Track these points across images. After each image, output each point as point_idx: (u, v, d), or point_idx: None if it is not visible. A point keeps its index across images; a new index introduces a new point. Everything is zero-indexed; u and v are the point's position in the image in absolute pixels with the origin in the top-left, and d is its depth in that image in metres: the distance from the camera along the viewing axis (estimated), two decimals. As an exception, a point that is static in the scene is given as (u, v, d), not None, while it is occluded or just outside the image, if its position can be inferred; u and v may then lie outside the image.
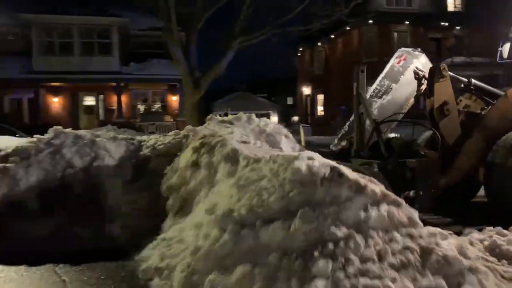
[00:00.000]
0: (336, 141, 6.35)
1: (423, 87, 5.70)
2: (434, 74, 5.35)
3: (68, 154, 4.52)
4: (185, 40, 13.60)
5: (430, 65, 5.92)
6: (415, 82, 5.90)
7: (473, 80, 5.88)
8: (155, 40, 21.02)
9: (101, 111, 22.31)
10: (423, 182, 4.80)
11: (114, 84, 21.28)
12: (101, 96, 22.14)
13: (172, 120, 21.45)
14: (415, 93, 5.89)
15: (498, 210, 4.90)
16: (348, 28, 25.40)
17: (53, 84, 20.69)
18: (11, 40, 20.78)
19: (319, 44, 29.83)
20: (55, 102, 21.24)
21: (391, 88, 6.24)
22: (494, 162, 5.04)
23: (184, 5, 12.89)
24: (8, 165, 4.40)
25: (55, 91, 21.09)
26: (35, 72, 19.53)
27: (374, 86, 6.48)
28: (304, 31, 16.92)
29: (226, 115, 8.24)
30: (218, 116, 7.03)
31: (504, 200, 4.91)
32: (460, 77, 5.99)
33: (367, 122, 5.41)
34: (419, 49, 6.42)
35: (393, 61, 6.63)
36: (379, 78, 6.53)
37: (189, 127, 5.09)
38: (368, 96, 6.13)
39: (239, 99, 33.55)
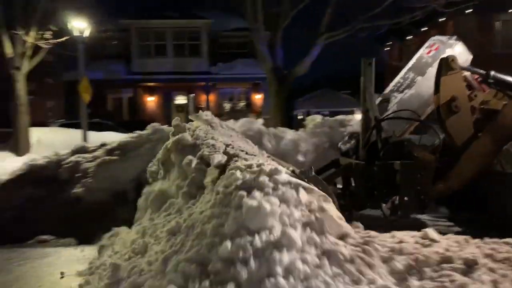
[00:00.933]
0: (346, 138, 5.63)
1: None
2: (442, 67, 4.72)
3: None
4: (271, 39, 13.75)
5: (467, 55, 5.32)
6: None
7: (492, 72, 4.97)
8: (240, 40, 21.68)
9: (191, 109, 23.57)
10: (408, 187, 4.39)
11: (203, 83, 22.38)
12: (192, 95, 23.40)
13: (255, 118, 21.89)
14: None
15: (497, 222, 4.34)
16: (443, 19, 23.59)
17: (149, 84, 22.38)
18: (113, 44, 22.93)
19: (409, 37, 28.18)
20: (151, 101, 22.98)
21: (415, 82, 5.41)
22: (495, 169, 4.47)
23: (271, 5, 13.04)
24: (112, 157, 4.86)
25: (151, 91, 22.81)
26: (134, 73, 21.33)
27: (396, 79, 5.69)
28: (394, 25, 16.10)
29: (308, 114, 8.07)
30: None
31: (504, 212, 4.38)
32: (477, 69, 5.14)
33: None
34: (455, 37, 5.64)
35: (422, 51, 5.82)
36: (404, 71, 5.76)
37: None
38: (387, 90, 5.62)
39: (322, 96, 33.02)
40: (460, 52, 5.29)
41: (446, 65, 4.74)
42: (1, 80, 12.31)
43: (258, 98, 23.48)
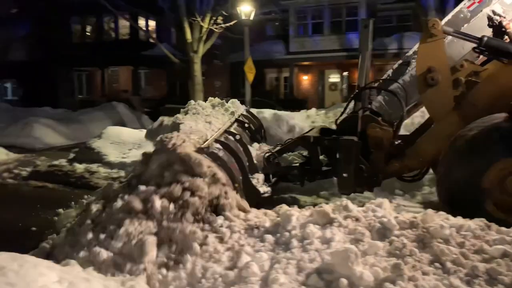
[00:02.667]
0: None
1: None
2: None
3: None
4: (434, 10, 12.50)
5: None
6: (486, 31, 4.36)
7: (485, 38, 4.15)
8: (399, 13, 20.23)
9: (344, 87, 23.30)
10: (346, 164, 4.32)
11: (357, 60, 21.73)
12: (345, 73, 23.05)
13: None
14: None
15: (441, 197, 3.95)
16: None
17: (304, 63, 22.86)
18: (273, 25, 24.03)
19: None
20: (305, 80, 23.48)
21: (445, 42, 4.40)
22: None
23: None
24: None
25: (305, 70, 23.28)
26: (291, 53, 22.03)
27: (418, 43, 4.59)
28: None
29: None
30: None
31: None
32: (468, 35, 4.32)
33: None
34: None
35: (462, 5, 4.84)
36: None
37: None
38: (411, 52, 4.96)
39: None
40: (510, 3, 4.42)
41: (426, 31, 4.25)
42: (182, 62, 14.23)
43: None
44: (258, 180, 4.59)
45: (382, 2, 21.26)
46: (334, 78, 23.56)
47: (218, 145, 4.21)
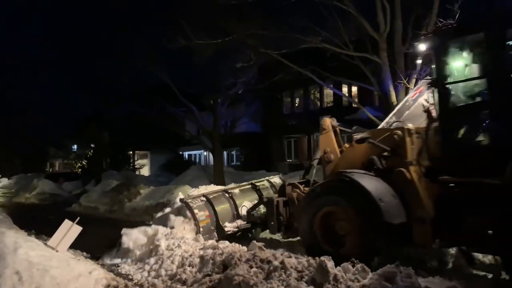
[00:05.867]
0: None
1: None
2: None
3: None
4: None
5: None
6: (422, 117, 5.80)
7: (354, 127, 7.15)
8: None
9: None
10: (269, 216, 6.91)
11: None
12: None
13: None
14: None
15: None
16: None
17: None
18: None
19: None
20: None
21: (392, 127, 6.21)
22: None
23: None
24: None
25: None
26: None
27: (381, 124, 6.68)
28: None
29: None
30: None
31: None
32: (345, 128, 7.13)
33: None
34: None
35: (410, 94, 6.87)
36: (390, 115, 6.60)
37: None
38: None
39: None
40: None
41: (321, 127, 6.93)
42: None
43: None
44: (237, 223, 7.68)
45: None
46: None
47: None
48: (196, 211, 7.25)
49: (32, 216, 13.96)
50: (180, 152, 35.06)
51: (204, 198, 7.56)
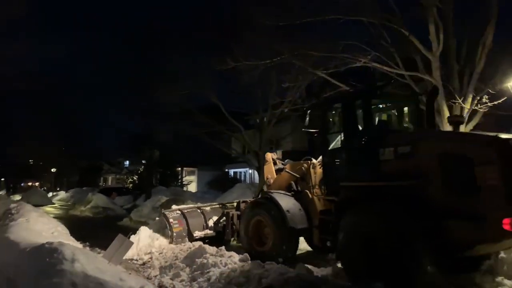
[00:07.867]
0: None
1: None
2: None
3: None
4: None
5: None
6: None
7: (287, 160, 9.50)
8: None
9: None
10: (226, 224, 9.29)
11: None
12: None
13: None
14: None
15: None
16: None
17: None
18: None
19: None
20: None
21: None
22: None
23: None
24: None
25: None
26: None
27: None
28: None
29: None
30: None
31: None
32: (280, 161, 9.58)
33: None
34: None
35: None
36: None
37: None
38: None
39: None
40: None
41: (264, 159, 9.83)
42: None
43: None
44: (205, 231, 9.96)
45: None
46: None
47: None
48: (171, 220, 9.65)
49: (86, 228, 14.62)
50: (226, 170, 35.46)
51: (179, 212, 10.03)
